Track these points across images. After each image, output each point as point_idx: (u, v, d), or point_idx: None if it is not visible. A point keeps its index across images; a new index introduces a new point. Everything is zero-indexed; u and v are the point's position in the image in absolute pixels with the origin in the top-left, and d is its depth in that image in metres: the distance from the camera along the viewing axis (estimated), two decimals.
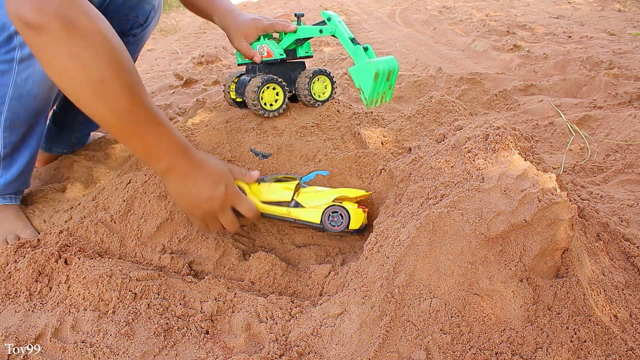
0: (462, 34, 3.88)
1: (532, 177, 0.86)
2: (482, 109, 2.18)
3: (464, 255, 0.81)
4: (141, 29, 1.44)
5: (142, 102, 0.80)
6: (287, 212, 1.00)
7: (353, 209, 0.98)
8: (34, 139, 1.13)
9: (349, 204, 1.00)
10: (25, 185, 1.19)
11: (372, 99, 1.08)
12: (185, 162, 0.89)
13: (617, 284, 0.94)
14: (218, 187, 0.92)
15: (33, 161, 1.16)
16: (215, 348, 0.82)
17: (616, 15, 4.25)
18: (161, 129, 0.84)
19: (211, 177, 0.92)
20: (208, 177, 0.92)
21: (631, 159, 1.57)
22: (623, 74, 2.34)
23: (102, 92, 0.75)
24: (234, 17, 1.22)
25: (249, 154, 1.18)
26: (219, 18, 1.25)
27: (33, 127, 1.10)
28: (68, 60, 0.72)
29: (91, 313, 0.87)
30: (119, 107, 0.78)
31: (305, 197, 1.02)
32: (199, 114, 1.38)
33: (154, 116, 0.83)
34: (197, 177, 0.91)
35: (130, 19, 1.38)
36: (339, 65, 2.83)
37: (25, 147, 1.12)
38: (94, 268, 0.93)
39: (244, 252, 1.06)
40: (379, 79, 1.06)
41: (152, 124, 0.83)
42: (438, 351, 0.77)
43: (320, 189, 1.06)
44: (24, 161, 1.13)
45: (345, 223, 0.96)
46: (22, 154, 1.12)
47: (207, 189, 0.92)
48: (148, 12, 1.41)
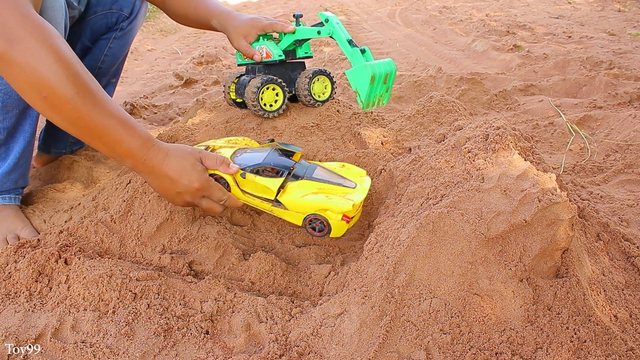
0: (462, 34, 3.88)
1: (532, 177, 0.86)
2: (482, 109, 2.18)
3: (464, 255, 0.81)
4: (127, 22, 1.43)
5: (93, 107, 0.81)
6: (269, 208, 0.97)
7: (336, 221, 0.93)
8: (28, 124, 1.12)
9: (333, 214, 0.93)
10: (24, 181, 1.18)
11: (368, 102, 1.08)
12: (148, 159, 0.89)
13: (617, 284, 0.94)
14: (182, 181, 0.91)
15: (29, 150, 1.15)
16: (215, 348, 0.82)
17: (616, 15, 4.25)
18: (118, 129, 0.85)
19: (175, 171, 0.91)
20: (172, 171, 0.90)
21: (631, 159, 1.57)
22: (623, 74, 2.34)
23: (50, 104, 0.79)
24: (232, 18, 1.22)
25: None
26: (218, 21, 1.24)
27: (26, 110, 1.10)
28: (16, 76, 0.76)
29: (91, 313, 0.87)
30: (68, 116, 0.81)
31: (290, 197, 0.95)
32: (199, 114, 1.39)
33: (110, 117, 0.84)
34: (160, 173, 0.90)
35: (115, 12, 1.37)
36: (339, 66, 2.83)
37: (20, 134, 1.11)
38: (94, 268, 0.93)
39: (244, 252, 1.06)
40: (375, 82, 1.05)
41: (107, 126, 0.84)
42: (438, 351, 0.77)
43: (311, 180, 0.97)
44: (20, 148, 1.12)
45: (325, 231, 0.93)
46: (17, 140, 1.11)
47: (173, 183, 0.91)
48: (132, 4, 1.40)
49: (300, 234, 1.14)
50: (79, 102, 0.80)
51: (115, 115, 0.85)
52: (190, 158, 0.93)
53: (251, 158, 0.98)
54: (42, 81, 0.77)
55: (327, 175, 0.98)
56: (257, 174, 0.96)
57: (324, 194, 0.94)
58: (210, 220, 1.11)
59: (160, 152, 0.90)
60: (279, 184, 0.95)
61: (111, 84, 1.55)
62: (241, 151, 1.01)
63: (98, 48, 1.41)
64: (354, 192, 0.95)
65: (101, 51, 1.41)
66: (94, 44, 1.40)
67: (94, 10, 1.34)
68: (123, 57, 1.53)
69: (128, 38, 1.48)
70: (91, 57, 1.41)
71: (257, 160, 0.97)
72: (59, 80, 0.78)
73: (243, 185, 0.97)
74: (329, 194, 0.94)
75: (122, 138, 0.86)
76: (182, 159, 0.92)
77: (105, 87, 1.52)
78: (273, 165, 0.96)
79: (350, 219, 0.93)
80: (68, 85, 0.79)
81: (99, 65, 1.43)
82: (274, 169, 0.97)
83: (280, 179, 0.96)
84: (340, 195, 0.94)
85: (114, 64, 1.48)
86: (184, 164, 0.91)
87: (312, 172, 0.98)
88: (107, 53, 1.42)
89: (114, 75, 1.54)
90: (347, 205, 0.91)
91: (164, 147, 0.92)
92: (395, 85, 2.41)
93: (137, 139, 0.87)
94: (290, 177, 0.97)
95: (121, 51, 1.48)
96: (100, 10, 1.33)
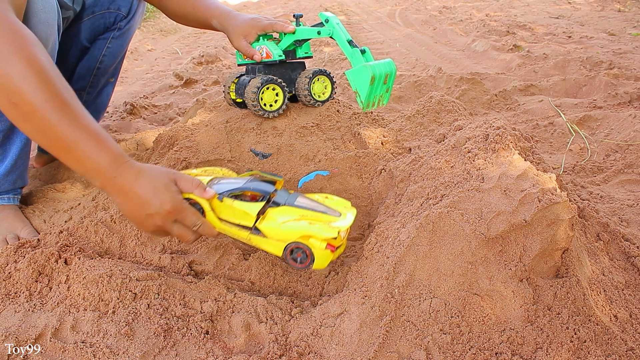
0: (462, 34, 3.88)
1: (532, 177, 0.86)
2: (482, 109, 2.18)
3: (464, 255, 0.81)
4: (125, 22, 1.43)
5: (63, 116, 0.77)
6: (247, 237, 0.88)
7: (320, 250, 0.84)
8: None
9: (316, 242, 0.84)
10: (22, 181, 1.18)
11: (368, 102, 1.07)
12: (119, 176, 0.82)
13: (617, 284, 0.94)
14: (154, 201, 0.83)
15: (26, 151, 1.15)
16: (215, 348, 0.82)
17: (616, 15, 4.25)
18: (89, 142, 0.79)
19: (147, 191, 0.83)
20: (143, 191, 0.83)
21: (631, 159, 1.57)
22: (623, 74, 2.34)
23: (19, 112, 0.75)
24: (232, 18, 1.22)
25: (249, 154, 1.19)
26: (217, 20, 1.24)
27: None
28: None
29: (91, 313, 0.87)
30: (37, 125, 0.76)
31: (271, 223, 0.86)
32: (199, 114, 1.39)
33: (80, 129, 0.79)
34: (130, 192, 0.83)
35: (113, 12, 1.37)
36: (339, 66, 2.83)
37: (16, 135, 1.10)
38: (94, 268, 0.93)
39: (244, 252, 1.06)
40: (375, 83, 1.05)
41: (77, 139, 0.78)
42: (438, 351, 0.77)
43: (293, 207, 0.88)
44: (17, 150, 1.11)
45: (308, 261, 0.85)
46: (14, 142, 1.11)
47: (143, 204, 0.84)
48: (130, 3, 1.40)
49: None
50: (48, 110, 0.75)
51: (86, 127, 0.79)
52: (163, 178, 0.86)
53: (229, 183, 0.91)
54: (12, 87, 0.73)
55: (310, 203, 0.90)
56: (235, 198, 0.88)
57: (306, 221, 0.85)
58: None
59: (132, 171, 0.83)
60: (258, 209, 0.87)
61: (110, 83, 1.56)
62: (218, 179, 0.94)
63: (96, 48, 1.41)
64: (339, 220, 0.87)
65: (100, 51, 1.42)
66: (92, 44, 1.41)
67: (92, 10, 1.35)
68: (121, 56, 1.53)
69: (126, 38, 1.48)
70: (90, 57, 1.41)
71: (236, 185, 0.89)
72: (29, 86, 0.74)
73: (219, 212, 0.88)
74: (312, 220, 0.86)
75: (91, 152, 0.79)
76: (154, 179, 0.85)
77: (104, 87, 1.52)
78: (253, 189, 0.89)
79: (336, 249, 0.85)
80: (38, 92, 0.74)
81: (98, 65, 1.44)
82: (253, 194, 0.90)
83: (260, 203, 0.87)
84: (325, 221, 0.86)
85: (112, 63, 1.48)
86: (156, 184, 0.84)
87: (293, 200, 0.90)
88: (106, 53, 1.43)
89: (112, 75, 1.54)
90: (332, 232, 0.83)
91: (136, 165, 0.85)
92: (395, 85, 2.41)
93: (108, 154, 0.81)
94: (270, 203, 0.89)
95: (120, 51, 1.48)
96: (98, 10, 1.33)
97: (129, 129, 1.94)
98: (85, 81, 1.44)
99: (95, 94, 1.49)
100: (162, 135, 1.27)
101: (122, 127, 1.96)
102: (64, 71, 1.41)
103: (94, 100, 1.50)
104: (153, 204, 0.83)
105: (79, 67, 1.41)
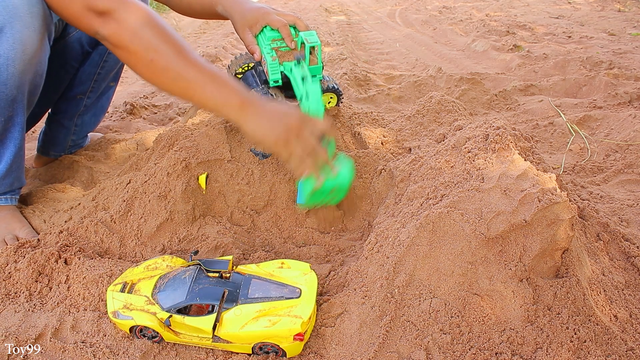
0: (462, 34, 3.88)
1: (532, 177, 0.86)
2: (482, 109, 2.18)
3: (464, 255, 0.81)
4: None
5: (190, 66, 0.92)
6: (211, 345, 0.83)
7: (288, 344, 0.80)
8: (17, 131, 1.08)
9: (282, 339, 0.80)
10: (20, 182, 1.17)
11: (307, 205, 1.08)
12: (254, 97, 0.95)
13: (617, 284, 0.94)
14: (292, 112, 0.95)
15: (21, 155, 1.13)
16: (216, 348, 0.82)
17: (616, 15, 4.25)
18: (217, 79, 0.93)
19: (282, 106, 0.96)
20: (280, 106, 0.96)
21: (631, 159, 1.57)
22: (623, 74, 2.34)
23: (153, 69, 0.92)
24: (238, 4, 1.17)
25: (249, 154, 1.18)
26: (223, 7, 1.19)
27: (12, 117, 1.06)
28: (128, 44, 0.89)
29: (91, 313, 0.87)
30: (169, 76, 0.92)
31: (229, 330, 0.80)
32: (199, 114, 1.38)
33: (207, 72, 0.93)
34: (269, 107, 0.95)
35: None
36: (339, 66, 2.83)
37: (9, 141, 1.08)
38: (94, 268, 0.93)
39: (244, 252, 1.06)
40: (318, 193, 0.97)
41: (206, 79, 0.92)
42: (438, 351, 0.77)
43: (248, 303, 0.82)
44: (11, 155, 1.10)
45: (280, 353, 0.82)
46: (8, 147, 1.09)
47: (284, 116, 0.94)
48: None
49: (301, 233, 1.14)
50: (180, 64, 0.91)
51: (214, 72, 0.94)
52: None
53: (173, 294, 0.83)
54: (148, 48, 0.89)
55: (266, 288, 0.84)
56: (184, 314, 0.81)
57: (266, 318, 0.80)
58: (210, 220, 1.11)
59: (259, 95, 0.99)
60: (211, 322, 0.80)
61: (111, 87, 1.55)
62: (162, 281, 0.86)
63: (98, 53, 1.40)
64: (300, 303, 0.81)
65: (101, 56, 1.41)
66: (94, 49, 1.40)
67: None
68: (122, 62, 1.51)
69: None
70: (91, 63, 1.41)
71: (181, 297, 0.81)
72: (162, 47, 0.90)
73: (174, 326, 0.81)
74: (272, 315, 0.80)
75: (224, 84, 0.93)
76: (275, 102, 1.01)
77: (105, 91, 1.51)
78: (200, 301, 0.81)
79: (304, 334, 0.80)
80: (173, 49, 0.90)
81: (99, 71, 1.43)
82: (201, 306, 0.82)
83: (212, 315, 0.80)
84: (286, 311, 0.80)
85: (113, 68, 1.47)
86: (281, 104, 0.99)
87: (247, 290, 0.83)
88: (107, 58, 1.42)
89: (113, 79, 1.53)
90: (295, 325, 0.78)
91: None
92: (395, 85, 2.41)
93: (236, 84, 0.95)
94: (224, 304, 0.81)
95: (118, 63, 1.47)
96: None
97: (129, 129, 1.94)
98: (86, 86, 1.43)
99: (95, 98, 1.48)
100: (162, 135, 1.26)
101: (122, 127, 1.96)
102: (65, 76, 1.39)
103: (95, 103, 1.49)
104: (292, 113, 0.94)
105: (80, 72, 1.40)
